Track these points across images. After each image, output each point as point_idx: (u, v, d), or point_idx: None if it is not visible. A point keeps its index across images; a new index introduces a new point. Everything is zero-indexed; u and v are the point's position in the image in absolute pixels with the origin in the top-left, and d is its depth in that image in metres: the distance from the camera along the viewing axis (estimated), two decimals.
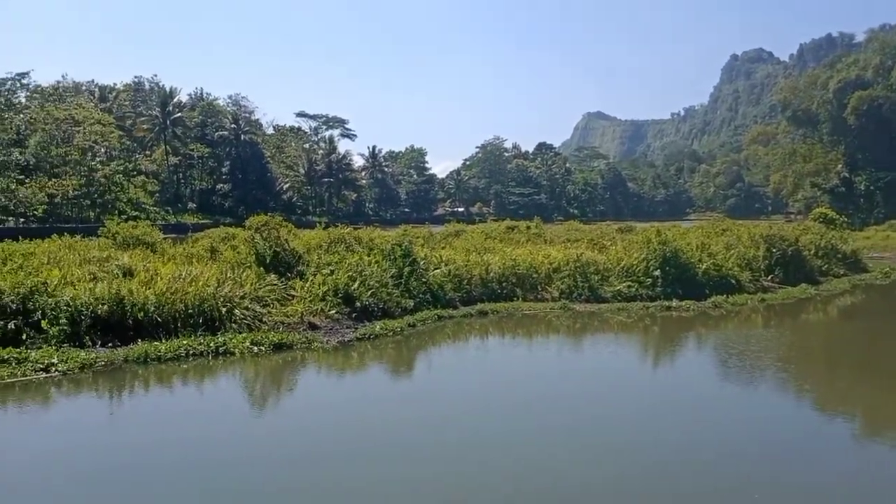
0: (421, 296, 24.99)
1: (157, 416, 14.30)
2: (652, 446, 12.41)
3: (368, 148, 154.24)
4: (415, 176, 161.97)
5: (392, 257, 26.15)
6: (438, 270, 26.97)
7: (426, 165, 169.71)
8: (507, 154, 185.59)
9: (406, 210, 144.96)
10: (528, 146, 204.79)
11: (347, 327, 21.60)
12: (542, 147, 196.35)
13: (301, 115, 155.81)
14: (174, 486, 10.51)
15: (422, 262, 26.68)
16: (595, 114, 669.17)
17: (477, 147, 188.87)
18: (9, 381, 15.21)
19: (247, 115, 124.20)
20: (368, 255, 26.42)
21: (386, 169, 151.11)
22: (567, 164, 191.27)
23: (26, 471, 11.07)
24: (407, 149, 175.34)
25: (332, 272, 23.76)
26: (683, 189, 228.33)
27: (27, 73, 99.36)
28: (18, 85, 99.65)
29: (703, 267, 30.34)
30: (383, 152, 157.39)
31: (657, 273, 29.24)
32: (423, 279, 25.73)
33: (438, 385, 17.24)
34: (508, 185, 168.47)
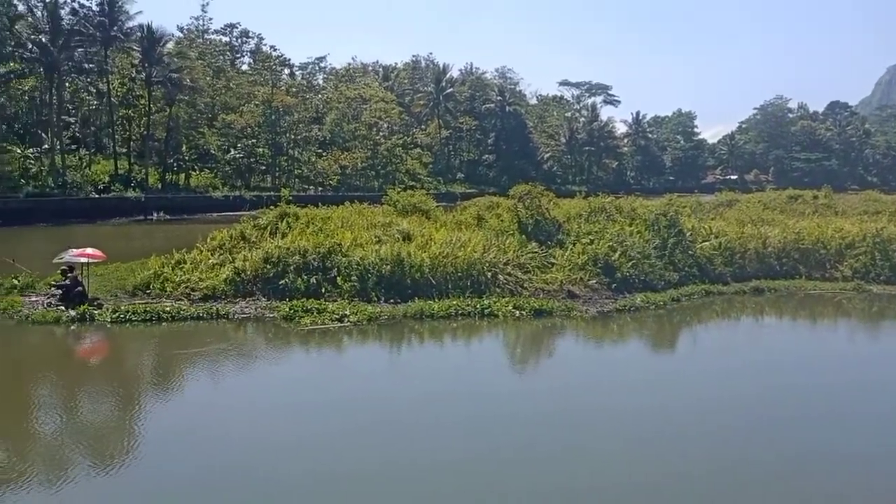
0: (686, 269, 23.75)
1: (429, 369, 15.64)
2: None
3: (632, 114, 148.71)
4: (682, 142, 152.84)
5: (655, 228, 25.17)
6: (707, 243, 25.34)
7: (695, 130, 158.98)
8: (791, 115, 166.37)
9: (671, 178, 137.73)
10: (818, 106, 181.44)
11: (606, 298, 21.39)
12: (835, 106, 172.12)
13: (564, 83, 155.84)
14: (441, 437, 11.41)
15: (688, 234, 25.29)
16: None
17: (755, 108, 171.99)
18: (311, 327, 17.70)
19: (512, 86, 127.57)
20: (630, 225, 25.74)
21: (650, 135, 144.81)
22: (866, 125, 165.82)
23: (322, 408, 12.82)
24: (674, 113, 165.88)
25: (591, 241, 23.60)
26: None
27: (324, 57, 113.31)
28: (317, 68, 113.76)
29: None
30: (647, 118, 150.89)
31: None
32: (690, 251, 24.40)
33: (701, 366, 16.33)
34: (792, 149, 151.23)
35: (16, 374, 14.88)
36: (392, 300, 19.83)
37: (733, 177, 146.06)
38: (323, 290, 19.93)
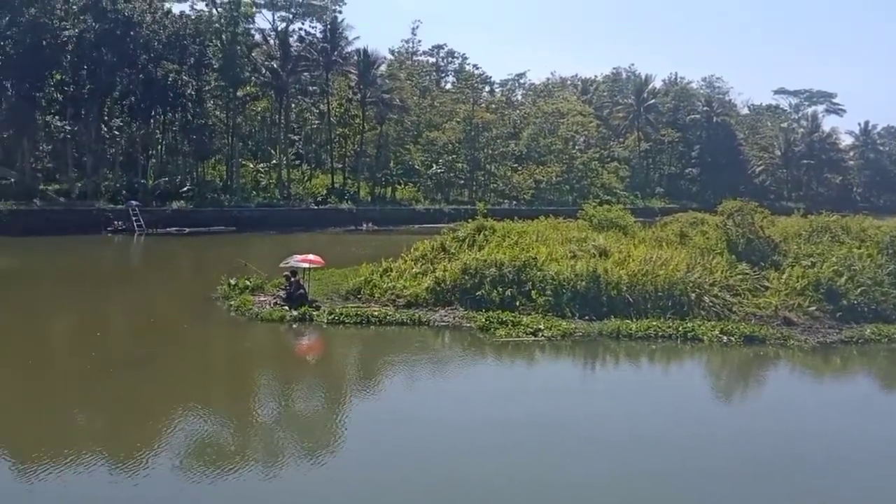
0: None
1: (624, 389, 15.14)
2: None
3: (859, 124, 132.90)
4: None
5: (890, 251, 22.29)
6: None
7: None
8: None
9: None
10: None
11: (829, 327, 19.27)
12: None
13: (780, 91, 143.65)
14: (640, 458, 10.97)
15: None
16: None
17: None
18: (505, 339, 17.94)
19: (720, 96, 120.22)
20: (859, 248, 23.02)
21: (881, 148, 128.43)
22: None
23: (518, 417, 12.90)
24: None
25: (813, 264, 21.43)
26: None
27: (524, 74, 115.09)
28: (517, 84, 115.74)
29: None
30: (878, 128, 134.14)
31: None
32: None
33: None
34: None
35: (244, 366, 16.77)
36: (587, 317, 19.48)
37: None
38: (517, 303, 20.11)
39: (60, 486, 9.43)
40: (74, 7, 49.87)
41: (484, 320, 18.93)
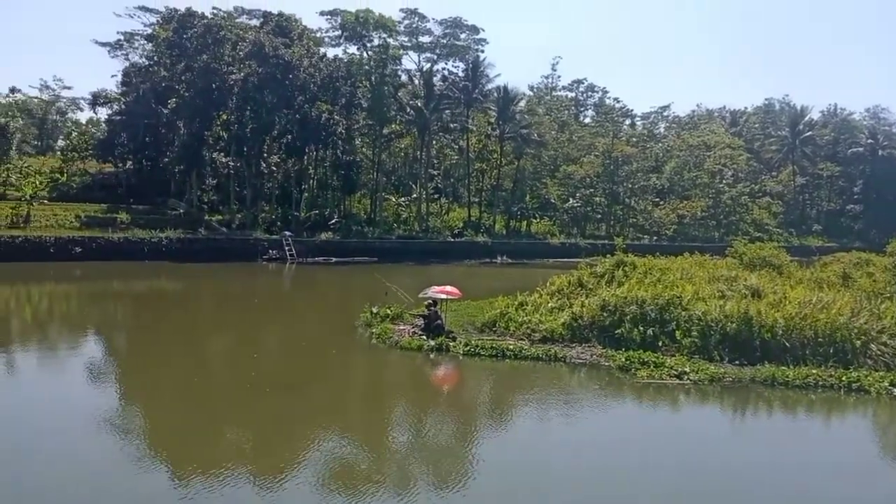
0: None
1: (779, 439, 14.02)
2: None
3: None
4: None
5: None
6: None
7: None
8: None
9: None
10: None
11: None
12: None
13: None
14: None
15: None
16: None
17: None
18: (647, 381, 17.23)
19: (886, 127, 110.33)
20: None
21: None
22: None
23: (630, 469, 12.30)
24: None
25: None
26: None
27: (668, 106, 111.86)
28: (660, 117, 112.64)
29: None
30: None
31: None
32: None
33: None
34: None
35: (383, 392, 17.29)
36: (737, 361, 18.29)
37: None
38: (660, 344, 19.29)
39: (210, 497, 10.09)
40: (241, 53, 54.78)
41: (624, 360, 18.32)
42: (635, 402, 16.29)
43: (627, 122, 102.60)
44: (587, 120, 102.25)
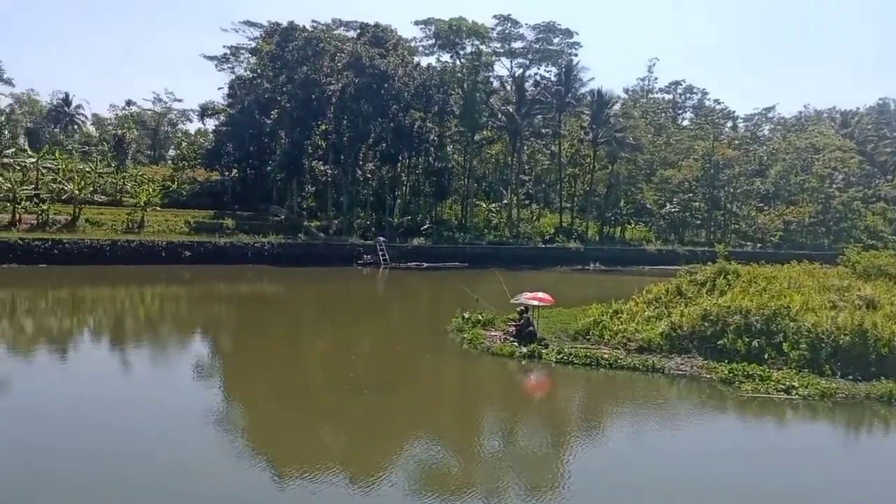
0: None
1: (894, 459, 13.08)
2: None
3: None
4: None
5: None
6: None
7: None
8: None
9: None
10: None
11: None
12: None
13: None
14: None
15: None
16: None
17: None
18: (751, 395, 16.44)
19: None
20: None
21: None
22: None
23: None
24: None
25: None
26: None
27: (772, 107, 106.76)
28: (764, 119, 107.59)
29: None
30: None
31: None
32: None
33: None
34: None
35: (474, 398, 17.32)
36: (850, 376, 17.18)
37: None
38: (766, 356, 18.38)
39: (305, 496, 10.39)
40: (339, 64, 56.53)
41: (727, 372, 17.57)
42: (739, 417, 15.60)
43: (729, 124, 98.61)
44: (685, 123, 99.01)
